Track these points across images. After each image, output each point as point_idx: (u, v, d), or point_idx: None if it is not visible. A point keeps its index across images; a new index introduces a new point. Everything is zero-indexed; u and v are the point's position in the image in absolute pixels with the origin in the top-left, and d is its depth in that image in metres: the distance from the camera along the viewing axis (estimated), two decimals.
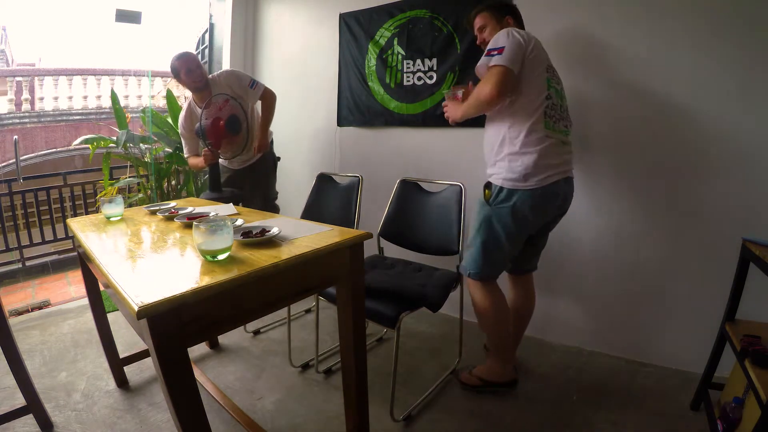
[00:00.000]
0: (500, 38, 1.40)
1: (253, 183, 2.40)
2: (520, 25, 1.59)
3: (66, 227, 3.47)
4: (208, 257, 0.97)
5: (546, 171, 1.41)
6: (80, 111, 8.76)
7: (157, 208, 1.63)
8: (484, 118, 1.61)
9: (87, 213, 3.75)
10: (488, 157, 1.56)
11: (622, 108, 1.80)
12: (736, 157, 1.61)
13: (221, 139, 2.14)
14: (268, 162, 2.47)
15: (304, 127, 2.95)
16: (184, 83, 2.18)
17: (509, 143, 1.45)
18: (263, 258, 0.97)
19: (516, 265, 1.69)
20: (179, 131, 2.39)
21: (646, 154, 1.77)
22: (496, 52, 1.38)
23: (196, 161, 2.29)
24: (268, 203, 2.45)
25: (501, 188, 1.46)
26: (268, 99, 2.31)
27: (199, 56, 3.51)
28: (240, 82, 2.23)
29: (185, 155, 2.37)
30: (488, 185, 1.52)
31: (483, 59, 1.44)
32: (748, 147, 1.58)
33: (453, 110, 1.58)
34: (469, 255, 1.55)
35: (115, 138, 3.11)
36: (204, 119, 2.10)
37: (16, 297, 3.23)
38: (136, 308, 0.73)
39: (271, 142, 2.50)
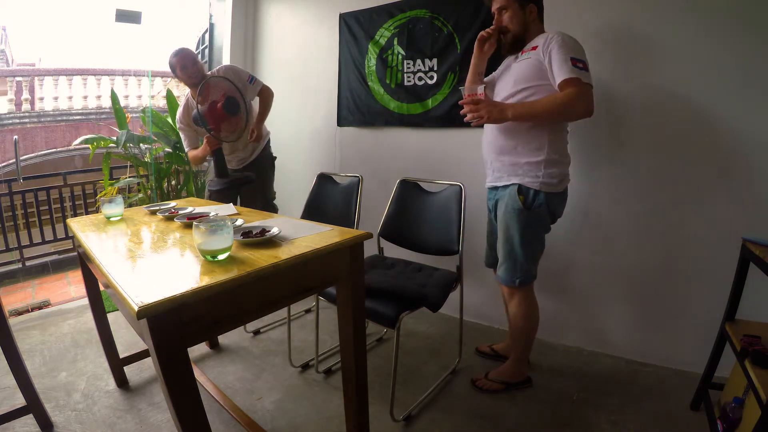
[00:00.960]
0: (577, 48, 1.39)
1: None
2: (542, 17, 1.55)
3: (66, 227, 3.47)
4: (208, 257, 0.97)
5: (568, 175, 1.54)
6: (80, 111, 8.75)
7: (157, 208, 1.63)
8: None
9: (87, 213, 3.74)
10: (510, 152, 1.52)
11: (623, 109, 1.80)
12: (736, 157, 1.61)
13: (221, 122, 2.13)
14: (266, 161, 2.47)
15: (304, 127, 2.95)
16: (180, 79, 2.19)
17: (549, 151, 1.46)
18: (263, 258, 0.97)
19: None
20: (177, 126, 2.39)
21: (646, 155, 1.77)
22: (582, 66, 1.35)
23: (195, 153, 2.29)
24: (267, 203, 2.46)
25: (537, 192, 1.47)
26: (265, 95, 2.33)
27: (199, 56, 3.51)
28: (238, 77, 2.24)
29: (185, 149, 2.37)
30: (520, 190, 1.49)
31: (570, 67, 1.33)
32: (749, 147, 1.58)
33: (496, 110, 1.43)
34: (513, 264, 1.54)
35: (115, 138, 3.10)
36: (200, 106, 2.09)
37: (16, 297, 3.23)
38: (136, 308, 0.73)
39: (268, 141, 2.50)
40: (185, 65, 2.14)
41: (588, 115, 1.38)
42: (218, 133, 2.14)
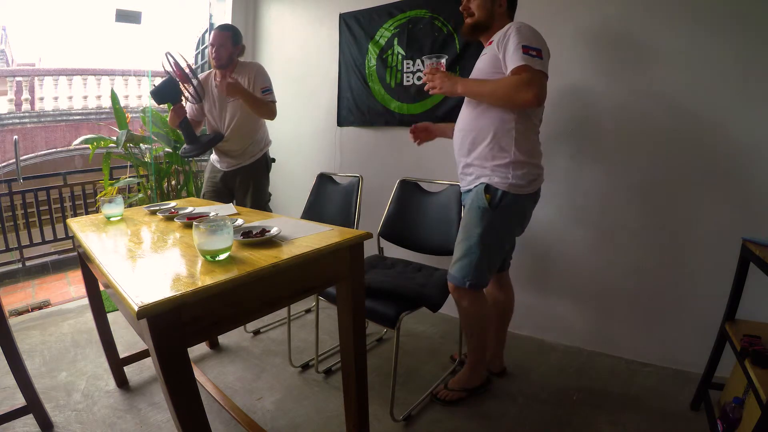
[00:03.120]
0: (532, 36, 1.32)
1: (243, 184, 2.35)
2: (511, 14, 1.50)
3: (66, 227, 3.47)
4: (208, 257, 0.97)
5: (540, 176, 1.48)
6: (80, 111, 8.76)
7: (157, 208, 1.63)
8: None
9: (87, 213, 3.74)
10: (477, 154, 1.45)
11: (622, 107, 1.80)
12: (736, 156, 1.61)
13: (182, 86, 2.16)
14: (260, 166, 2.39)
15: (304, 127, 2.95)
16: (210, 54, 2.23)
17: (516, 152, 1.39)
18: (263, 258, 0.97)
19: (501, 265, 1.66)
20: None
21: (645, 154, 1.77)
22: (535, 54, 1.29)
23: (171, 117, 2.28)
24: (259, 206, 2.37)
25: (506, 193, 1.40)
26: (269, 105, 2.22)
27: (199, 56, 3.52)
28: (257, 80, 2.20)
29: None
30: (487, 189, 1.42)
31: (520, 55, 1.28)
32: (749, 146, 1.58)
33: (449, 83, 1.41)
34: (468, 264, 1.45)
35: (115, 138, 3.11)
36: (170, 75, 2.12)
37: (16, 297, 3.23)
38: (136, 308, 0.73)
39: (266, 151, 2.44)
40: (212, 43, 2.17)
41: (536, 103, 1.30)
42: (182, 105, 2.16)
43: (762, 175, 1.57)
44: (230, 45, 2.18)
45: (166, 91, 2.09)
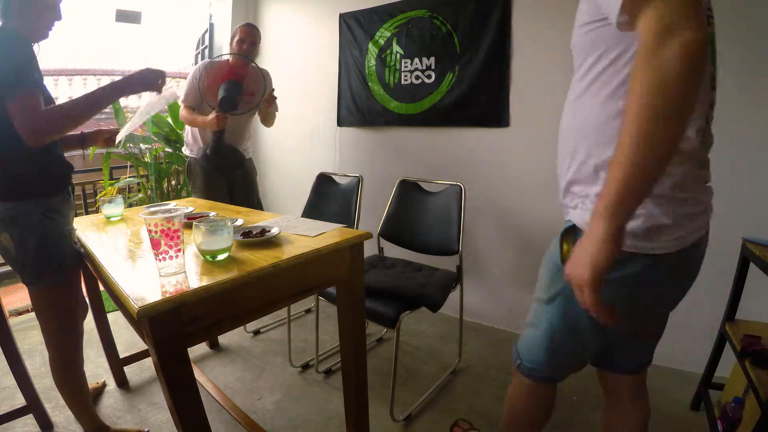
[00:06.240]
0: None
1: (246, 177, 2.36)
2: None
3: None
4: (208, 257, 0.97)
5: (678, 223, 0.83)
6: None
7: (157, 208, 1.62)
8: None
9: (87, 213, 3.74)
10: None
11: None
12: (736, 156, 1.61)
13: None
14: (253, 167, 2.43)
15: (304, 127, 2.95)
16: (233, 48, 2.17)
17: None
18: (263, 258, 0.97)
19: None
20: (188, 78, 2.22)
21: None
22: None
23: (192, 118, 2.15)
24: (256, 206, 2.38)
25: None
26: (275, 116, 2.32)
27: (199, 56, 3.51)
28: (269, 86, 2.24)
29: (180, 101, 2.18)
30: (570, 232, 0.87)
31: None
32: (748, 146, 1.58)
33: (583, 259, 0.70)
34: (529, 337, 1.04)
35: None
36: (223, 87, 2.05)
37: (16, 297, 3.22)
38: (136, 308, 0.73)
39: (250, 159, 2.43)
40: (254, 41, 2.15)
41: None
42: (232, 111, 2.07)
43: (762, 175, 1.56)
44: (257, 44, 2.19)
45: (231, 100, 2.03)
